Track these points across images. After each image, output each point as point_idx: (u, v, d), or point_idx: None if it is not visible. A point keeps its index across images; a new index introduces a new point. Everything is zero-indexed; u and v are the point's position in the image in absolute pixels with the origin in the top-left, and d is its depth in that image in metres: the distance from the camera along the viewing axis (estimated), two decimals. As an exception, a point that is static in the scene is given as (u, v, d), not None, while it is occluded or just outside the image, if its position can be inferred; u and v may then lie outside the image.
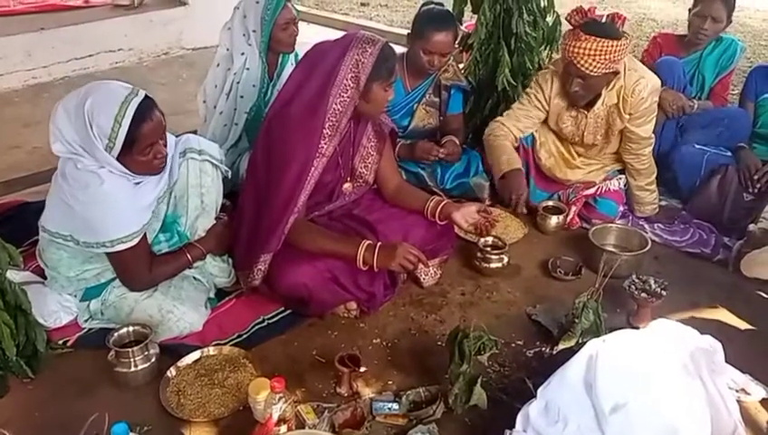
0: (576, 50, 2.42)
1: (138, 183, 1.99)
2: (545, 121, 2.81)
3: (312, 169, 2.06)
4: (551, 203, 2.79)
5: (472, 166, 2.89)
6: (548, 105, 2.73)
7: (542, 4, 3.15)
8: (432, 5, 2.88)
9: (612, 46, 2.39)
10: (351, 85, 2.03)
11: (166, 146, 2.01)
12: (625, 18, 2.50)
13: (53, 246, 2.03)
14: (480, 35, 3.12)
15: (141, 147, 1.89)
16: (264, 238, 2.07)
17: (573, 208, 2.75)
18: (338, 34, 5.92)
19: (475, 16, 3.18)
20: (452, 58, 2.97)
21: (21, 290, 1.90)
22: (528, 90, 2.80)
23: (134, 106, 1.85)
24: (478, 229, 2.34)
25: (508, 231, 2.71)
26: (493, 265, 2.43)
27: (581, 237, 2.62)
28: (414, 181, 2.83)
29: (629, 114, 2.61)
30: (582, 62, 2.43)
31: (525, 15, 3.08)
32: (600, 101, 2.62)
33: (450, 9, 3.10)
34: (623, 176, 2.84)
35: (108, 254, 1.97)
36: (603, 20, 2.48)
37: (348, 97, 2.04)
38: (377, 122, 2.28)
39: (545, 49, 3.25)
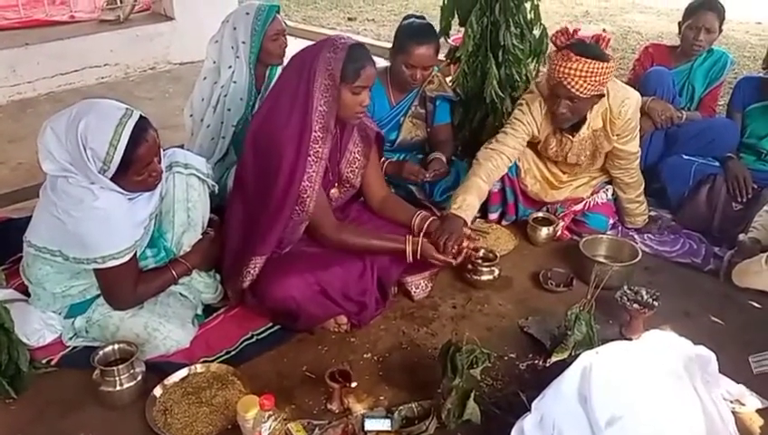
0: (567, 71, 2.37)
1: (131, 198, 1.96)
2: (528, 145, 2.75)
3: (306, 167, 2.03)
4: (540, 214, 2.79)
5: (461, 178, 2.87)
6: (539, 130, 2.66)
7: (528, 17, 3.16)
8: (413, 19, 2.87)
9: (602, 68, 2.36)
10: (330, 83, 2.00)
11: (161, 162, 1.98)
12: (609, 39, 2.48)
13: (39, 262, 1.99)
14: (468, 48, 3.12)
15: (137, 168, 1.86)
16: (259, 241, 2.06)
17: (562, 223, 2.74)
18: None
19: (463, 29, 3.19)
20: (437, 69, 2.97)
21: (3, 308, 1.86)
22: (519, 115, 2.68)
23: (129, 129, 1.81)
24: (467, 256, 2.33)
25: (498, 243, 2.70)
26: (484, 278, 2.41)
27: (572, 249, 2.61)
28: (403, 194, 2.80)
29: (617, 135, 2.61)
30: (573, 83, 2.38)
31: (512, 28, 3.08)
32: (584, 126, 2.59)
33: (437, 22, 3.11)
34: (610, 187, 2.84)
35: (96, 270, 1.93)
36: (588, 41, 2.44)
37: (330, 96, 2.01)
38: (362, 127, 2.26)
39: (532, 61, 3.26)
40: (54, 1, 4.85)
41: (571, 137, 2.63)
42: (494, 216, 2.86)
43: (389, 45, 5.79)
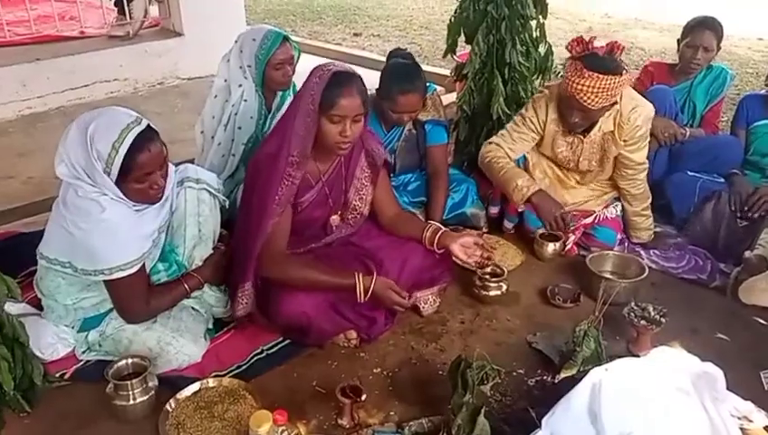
0: (579, 87, 2.43)
1: (139, 210, 1.98)
2: (537, 146, 2.82)
3: (278, 195, 2.01)
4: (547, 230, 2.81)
5: (468, 195, 2.90)
6: (542, 130, 2.75)
7: (534, 35, 3.21)
8: (399, 58, 2.83)
9: (614, 82, 2.41)
10: (311, 108, 1.98)
11: (165, 178, 2.00)
12: (623, 48, 2.52)
13: (51, 274, 2.02)
14: (474, 65, 3.17)
15: (136, 175, 1.89)
16: (241, 268, 2.08)
17: (572, 237, 2.75)
18: (332, 64, 5.86)
19: (468, 46, 3.23)
20: (434, 89, 2.98)
21: (18, 322, 1.88)
22: (523, 112, 2.79)
23: (133, 135, 1.85)
24: (477, 264, 2.31)
25: (506, 258, 2.72)
26: (492, 293, 2.43)
27: (579, 264, 2.63)
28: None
29: (624, 141, 2.65)
30: (585, 98, 2.44)
31: (518, 46, 3.14)
32: (596, 127, 2.66)
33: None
34: (619, 203, 2.86)
35: (106, 283, 1.95)
36: (602, 51, 2.50)
37: (310, 121, 1.99)
38: (370, 153, 2.26)
39: (538, 78, 3.31)
40: (64, 17, 4.89)
41: (582, 137, 2.68)
42: (494, 210, 2.92)
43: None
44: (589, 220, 2.80)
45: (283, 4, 8.52)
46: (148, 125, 1.92)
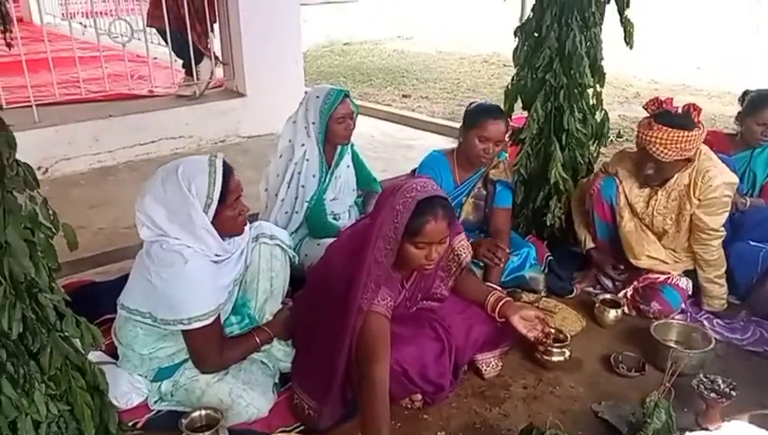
0: (648, 138, 2.57)
1: (217, 262, 2.08)
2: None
3: (353, 326, 1.97)
4: (608, 296, 2.81)
5: (527, 259, 2.93)
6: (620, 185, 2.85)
7: (591, 102, 3.29)
8: (480, 102, 3.03)
9: (684, 136, 2.52)
10: (393, 237, 1.97)
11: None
12: (700, 109, 2.64)
13: (130, 323, 2.10)
14: (532, 131, 3.25)
15: (230, 201, 2.04)
16: (317, 385, 2.08)
17: (635, 283, 2.79)
18: (381, 124, 6.09)
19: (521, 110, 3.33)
20: (505, 155, 3.07)
21: (99, 371, 1.95)
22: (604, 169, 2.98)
23: (221, 164, 2.03)
24: (536, 339, 2.30)
25: (566, 323, 2.71)
26: (554, 359, 2.42)
27: (641, 331, 2.61)
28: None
29: (699, 199, 2.69)
30: (654, 149, 2.56)
31: (576, 113, 3.21)
32: (672, 180, 2.73)
33: (489, 100, 3.27)
34: (690, 280, 2.86)
35: (183, 332, 2.03)
36: (679, 111, 2.62)
37: (391, 248, 1.98)
38: (455, 251, 2.29)
39: (594, 143, 3.37)
40: (134, 75, 5.18)
41: (657, 188, 2.75)
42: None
43: (443, 122, 6.03)
44: (660, 277, 2.81)
45: (334, 66, 8.84)
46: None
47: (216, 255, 2.07)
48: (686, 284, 2.83)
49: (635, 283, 2.80)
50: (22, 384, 1.69)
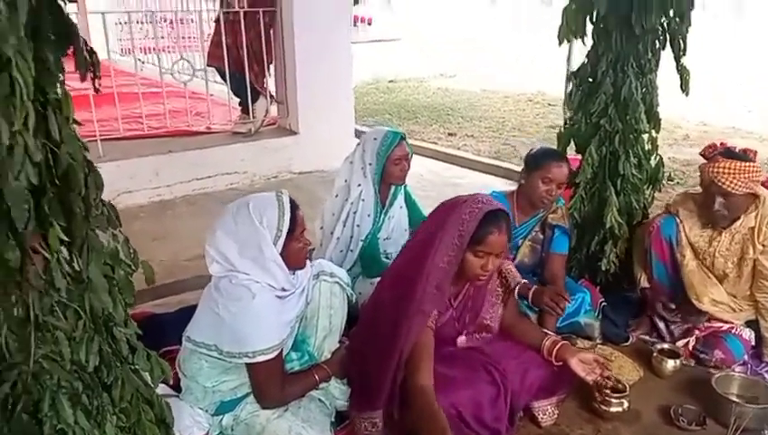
0: (716, 170, 2.60)
1: (281, 297, 2.14)
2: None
3: (410, 333, 2.04)
4: (666, 346, 2.76)
5: (582, 305, 2.91)
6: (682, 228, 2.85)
7: (646, 147, 3.28)
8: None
9: (751, 166, 2.58)
10: (457, 244, 2.06)
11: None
12: (756, 152, 2.68)
13: (195, 356, 2.16)
14: (586, 175, 3.25)
15: (297, 233, 2.12)
16: (370, 394, 2.13)
17: (696, 333, 2.75)
18: (428, 162, 6.15)
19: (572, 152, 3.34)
20: (562, 202, 3.09)
21: (166, 404, 2.01)
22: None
23: (287, 198, 2.12)
24: (595, 383, 2.31)
25: (622, 372, 2.66)
26: (613, 410, 2.37)
27: (700, 383, 2.55)
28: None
29: (763, 245, 2.66)
30: (723, 179, 2.58)
31: (631, 158, 3.21)
32: (738, 222, 2.71)
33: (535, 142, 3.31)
34: (753, 332, 2.80)
35: (247, 366, 2.08)
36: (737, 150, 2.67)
37: (453, 255, 2.07)
38: (503, 274, 2.34)
39: (648, 188, 3.36)
40: (192, 112, 5.37)
41: (721, 229, 2.73)
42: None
43: (488, 160, 6.06)
44: (724, 326, 2.77)
45: (380, 104, 9.00)
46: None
47: (282, 289, 2.14)
48: (748, 335, 2.78)
49: (696, 332, 2.75)
50: (95, 416, 1.75)
